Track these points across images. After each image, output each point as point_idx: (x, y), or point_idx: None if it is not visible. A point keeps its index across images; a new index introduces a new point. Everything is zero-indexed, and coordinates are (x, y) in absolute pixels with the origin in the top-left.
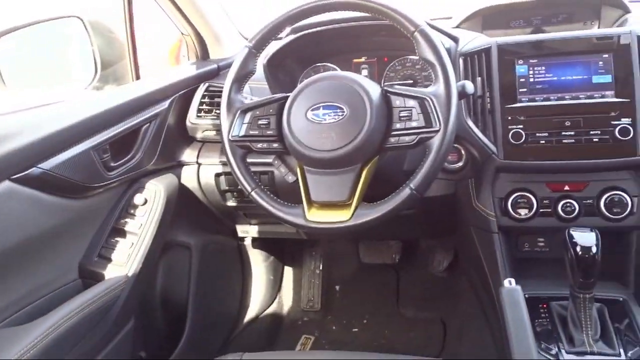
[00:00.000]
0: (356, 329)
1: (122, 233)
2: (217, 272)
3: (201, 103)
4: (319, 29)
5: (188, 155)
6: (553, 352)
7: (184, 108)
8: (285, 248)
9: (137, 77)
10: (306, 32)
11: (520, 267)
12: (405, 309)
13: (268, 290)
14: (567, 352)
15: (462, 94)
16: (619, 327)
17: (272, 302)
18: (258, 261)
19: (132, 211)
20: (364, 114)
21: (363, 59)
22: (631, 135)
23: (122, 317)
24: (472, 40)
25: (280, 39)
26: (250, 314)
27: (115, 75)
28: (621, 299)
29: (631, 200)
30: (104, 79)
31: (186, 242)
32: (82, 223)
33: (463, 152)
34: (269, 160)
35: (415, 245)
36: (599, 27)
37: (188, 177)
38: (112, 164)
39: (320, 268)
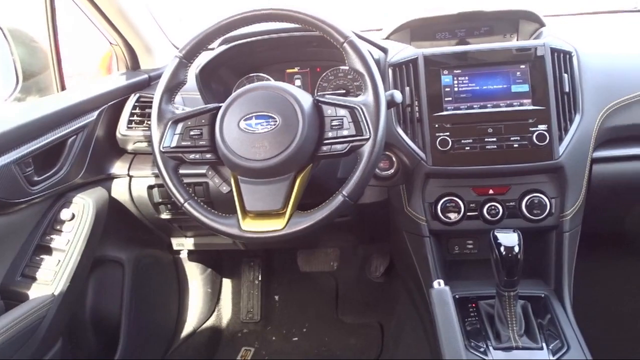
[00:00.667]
0: (296, 338)
1: (48, 250)
2: (151, 287)
3: (132, 114)
4: (250, 39)
5: (119, 167)
6: (482, 349)
7: (114, 119)
8: (222, 260)
9: (63, 88)
10: (238, 42)
11: (451, 269)
12: (345, 315)
13: (206, 303)
14: (495, 348)
15: (391, 103)
16: (542, 322)
17: (211, 315)
18: (195, 274)
19: (58, 227)
20: (296, 123)
21: (296, 69)
22: (547, 140)
23: (50, 338)
24: (401, 51)
25: (213, 49)
26: (188, 328)
27: (39, 86)
28: (543, 295)
29: (549, 201)
30: (26, 90)
31: (118, 258)
32: (3, 241)
33: (394, 159)
34: (202, 171)
35: (353, 252)
36: (517, 40)
37: (119, 190)
38: (36, 178)
39: (259, 279)
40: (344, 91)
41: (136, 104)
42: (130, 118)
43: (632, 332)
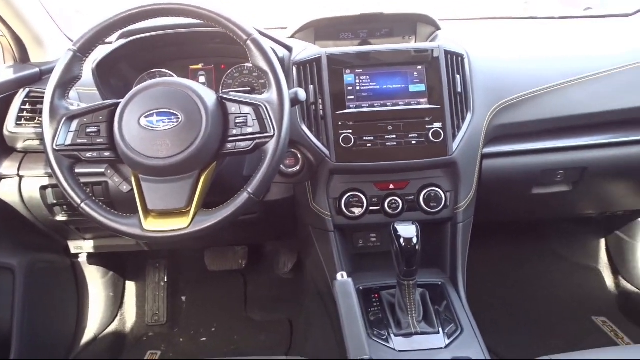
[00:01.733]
0: (205, 338)
1: None
2: (47, 293)
3: (21, 110)
4: (150, 34)
5: (7, 167)
6: (384, 336)
7: (1, 116)
8: (125, 262)
9: None
10: (138, 37)
11: (356, 261)
12: (254, 313)
13: (108, 307)
14: (396, 335)
15: (295, 101)
16: (439, 309)
17: (113, 320)
18: (95, 278)
19: None
20: (200, 121)
21: (200, 66)
22: (442, 137)
23: None
24: (305, 50)
25: (111, 43)
26: (89, 335)
27: None
28: (440, 282)
29: (445, 195)
30: None
31: (8, 264)
32: None
33: (299, 156)
34: (101, 170)
35: (261, 249)
36: (415, 42)
37: (7, 192)
38: None
39: (165, 280)
40: (249, 89)
41: (26, 99)
42: (20, 114)
43: (520, 314)
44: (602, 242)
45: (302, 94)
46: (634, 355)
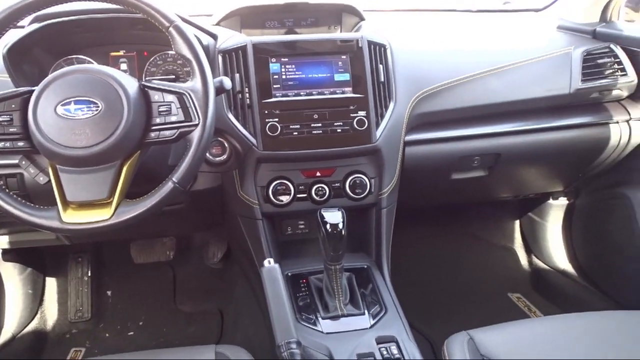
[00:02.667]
0: (132, 333)
1: None
2: None
3: None
4: (66, 18)
5: None
6: (312, 320)
7: None
8: (45, 257)
9: None
10: (52, 21)
11: (285, 248)
12: (183, 304)
13: (27, 306)
14: (323, 318)
15: (220, 89)
16: (364, 291)
17: (33, 318)
18: (12, 275)
19: None
20: (121, 109)
21: (121, 52)
22: (366, 125)
23: None
24: (230, 38)
25: (23, 27)
26: (6, 335)
27: None
28: (365, 266)
29: (369, 181)
30: None
31: None
32: None
33: (226, 145)
34: (15, 161)
35: (190, 240)
36: (341, 32)
37: None
38: None
39: (89, 274)
40: (173, 77)
41: None
42: None
43: (442, 293)
44: (517, 223)
45: (227, 82)
46: (542, 326)
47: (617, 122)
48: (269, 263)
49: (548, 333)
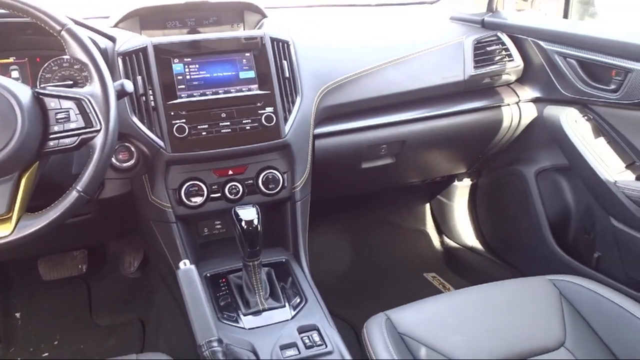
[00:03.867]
0: (46, 354)
1: None
2: None
3: None
4: None
5: None
6: (234, 318)
7: None
8: None
9: None
10: None
11: (203, 250)
12: (101, 318)
13: None
14: (244, 315)
15: (122, 93)
16: (284, 285)
17: None
18: None
19: None
20: (14, 119)
21: (11, 60)
22: (274, 121)
23: None
24: (129, 40)
25: None
26: None
27: None
28: (284, 260)
29: (282, 176)
30: None
31: None
32: None
33: (133, 149)
34: None
35: (103, 251)
36: (244, 29)
37: None
38: None
39: None
40: (71, 82)
41: None
42: None
43: (361, 279)
44: (427, 206)
45: (128, 85)
46: (452, 300)
47: (508, 105)
48: (185, 265)
49: (457, 305)
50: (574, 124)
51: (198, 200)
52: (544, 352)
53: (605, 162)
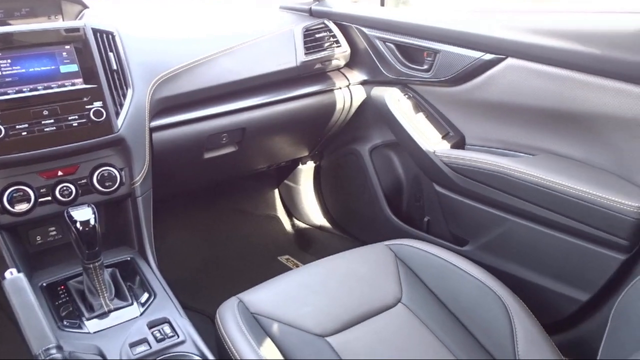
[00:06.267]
0: None
1: None
2: None
3: None
4: None
5: None
6: (77, 324)
7: None
8: None
9: None
10: None
11: (38, 260)
12: None
13: None
14: (88, 319)
15: None
16: (131, 284)
17: None
18: None
19: None
20: None
21: None
22: (105, 116)
23: None
24: None
25: None
26: None
27: None
28: (129, 258)
29: (119, 172)
30: None
31: None
32: None
33: None
34: None
35: None
36: (63, 21)
37: None
38: None
39: None
40: None
41: None
42: None
43: (217, 269)
44: (276, 191)
45: None
46: (300, 275)
47: (340, 88)
48: (11, 274)
49: (305, 280)
50: (397, 103)
51: (24, 206)
52: (384, 310)
53: (425, 135)
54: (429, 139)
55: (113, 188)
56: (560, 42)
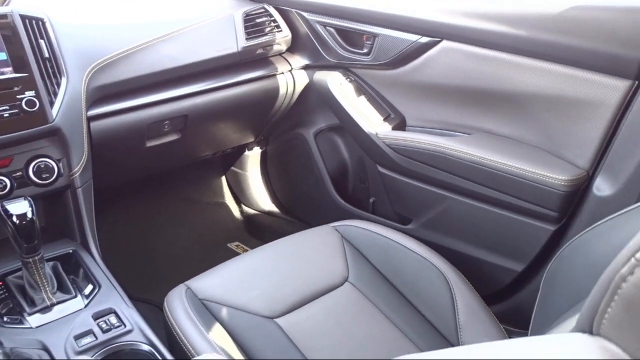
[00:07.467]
0: None
1: None
2: None
3: None
4: None
5: None
6: (17, 320)
7: None
8: None
9: None
10: None
11: None
12: None
13: None
14: (30, 314)
15: None
16: (74, 277)
17: None
18: None
19: None
20: None
21: None
22: (38, 106)
23: None
24: None
25: None
26: None
27: None
28: (71, 250)
29: (56, 164)
30: None
31: None
32: None
33: None
34: None
35: None
36: None
37: None
38: None
39: None
40: None
41: None
42: None
43: (166, 258)
44: (223, 178)
45: None
46: (248, 259)
47: (282, 73)
48: None
49: (253, 264)
50: (339, 87)
51: None
52: (332, 289)
53: (367, 118)
54: (371, 121)
55: (50, 180)
56: (492, 25)
